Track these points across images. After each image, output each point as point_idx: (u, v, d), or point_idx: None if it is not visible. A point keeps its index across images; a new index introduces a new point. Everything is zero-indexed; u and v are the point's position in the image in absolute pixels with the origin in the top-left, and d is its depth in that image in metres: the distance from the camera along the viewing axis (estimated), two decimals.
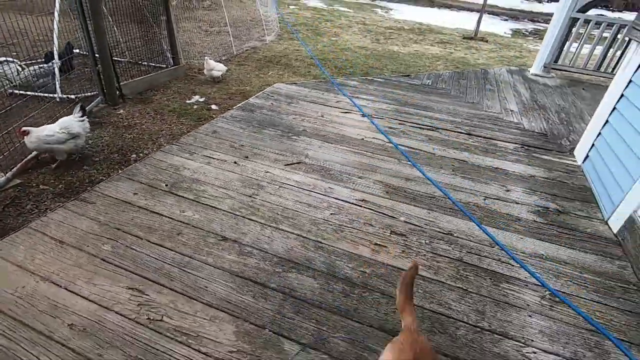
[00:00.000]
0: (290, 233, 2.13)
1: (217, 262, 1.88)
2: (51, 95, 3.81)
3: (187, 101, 4.37)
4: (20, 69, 3.74)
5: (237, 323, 1.59)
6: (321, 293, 1.77)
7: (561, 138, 3.64)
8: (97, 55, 3.69)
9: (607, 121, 2.85)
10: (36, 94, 3.76)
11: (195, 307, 1.64)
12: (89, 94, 3.95)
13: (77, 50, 4.77)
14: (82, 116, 2.78)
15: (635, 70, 2.61)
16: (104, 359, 1.40)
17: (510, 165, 3.09)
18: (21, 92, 3.70)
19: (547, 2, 21.33)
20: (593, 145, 2.99)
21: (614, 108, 2.79)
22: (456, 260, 2.04)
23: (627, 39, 4.61)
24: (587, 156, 3.07)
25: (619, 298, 1.89)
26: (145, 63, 5.12)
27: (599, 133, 2.92)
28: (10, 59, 3.63)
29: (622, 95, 2.72)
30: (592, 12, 6.13)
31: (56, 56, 3.93)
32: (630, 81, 2.65)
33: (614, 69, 5.32)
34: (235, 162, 2.77)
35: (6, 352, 1.40)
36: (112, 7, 4.78)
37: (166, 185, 2.43)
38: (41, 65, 3.94)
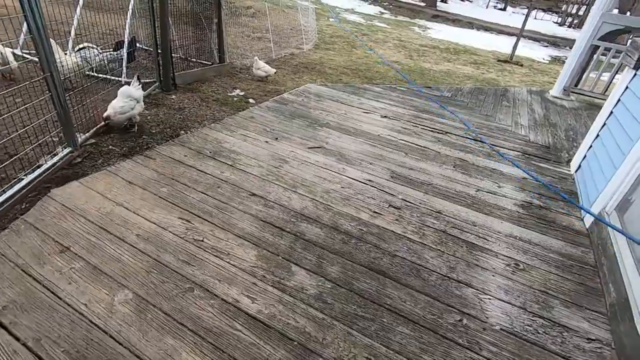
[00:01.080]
0: (306, 197, 2.61)
1: (246, 209, 2.39)
2: (117, 78, 4.52)
3: (229, 94, 4.99)
4: (97, 54, 4.47)
5: (258, 249, 2.08)
6: (324, 239, 2.24)
7: (562, 151, 3.95)
8: (159, 49, 4.36)
9: (597, 135, 3.17)
10: (106, 76, 4.48)
11: (227, 235, 2.15)
12: (147, 80, 4.63)
13: (139, 44, 5.53)
14: (138, 85, 3.41)
15: (624, 91, 2.94)
16: (161, 258, 1.93)
17: (507, 167, 3.45)
18: (94, 74, 4.43)
19: None
20: (585, 156, 3.31)
21: (604, 124, 3.11)
22: (440, 231, 2.45)
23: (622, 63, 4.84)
24: (579, 166, 3.38)
25: (574, 273, 2.24)
26: (195, 60, 5.82)
27: (590, 145, 3.24)
28: (92, 45, 4.37)
29: (611, 112, 3.05)
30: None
31: (125, 46, 4.66)
32: (619, 100, 2.98)
33: None
34: (266, 142, 3.30)
35: (94, 246, 1.94)
36: (173, 9, 5.55)
37: (210, 152, 2.99)
38: (111, 53, 4.68)
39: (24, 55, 4.39)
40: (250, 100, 4.81)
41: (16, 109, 2.64)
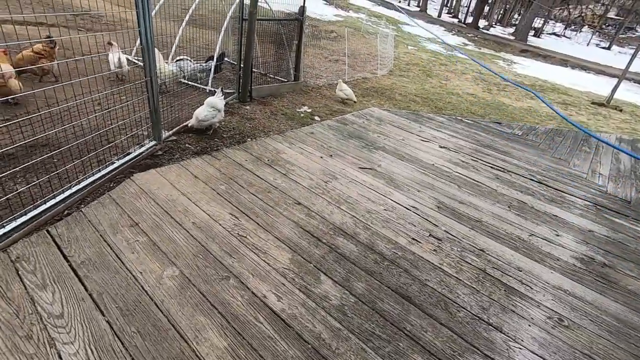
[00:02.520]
0: (347, 213, 2.71)
1: (290, 216, 2.56)
2: (203, 87, 5.12)
3: (297, 109, 5.33)
4: (191, 65, 5.14)
5: (292, 254, 2.22)
6: (357, 256, 2.31)
7: None
8: (242, 64, 4.87)
9: None
10: (195, 84, 5.10)
11: (268, 236, 2.33)
12: (228, 90, 5.17)
13: (227, 59, 6.20)
14: (221, 96, 3.83)
15: None
16: (208, 246, 2.17)
17: (572, 217, 3.18)
18: (186, 81, 5.08)
19: None
20: None
21: None
22: (479, 269, 2.37)
23: None
24: None
25: (631, 344, 2.00)
26: (272, 76, 6.33)
27: None
28: (186, 57, 5.03)
29: None
30: None
31: (215, 60, 5.28)
32: None
33: None
34: (321, 157, 3.49)
35: (157, 225, 2.26)
36: (260, 29, 6.15)
37: (267, 160, 3.26)
38: (202, 64, 5.33)
39: (135, 61, 5.21)
40: (316, 118, 5.08)
41: (120, 105, 3.18)
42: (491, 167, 3.91)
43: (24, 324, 1.57)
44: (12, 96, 2.99)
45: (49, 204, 2.24)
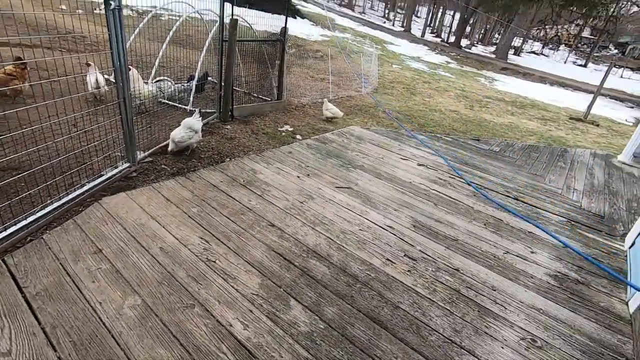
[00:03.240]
0: (322, 234, 2.68)
1: (262, 238, 2.52)
2: (184, 106, 5.11)
3: (279, 128, 5.34)
4: (171, 85, 5.13)
5: (262, 278, 2.17)
6: (330, 279, 2.26)
7: (618, 223, 3.57)
8: (222, 83, 4.89)
9: None
10: (175, 104, 5.08)
11: (238, 260, 2.28)
12: (209, 110, 5.16)
13: (211, 78, 6.22)
14: (199, 117, 3.82)
15: None
16: (174, 272, 2.10)
17: (547, 234, 3.20)
18: (166, 101, 5.06)
19: None
20: None
21: None
22: (453, 290, 2.34)
23: None
24: (634, 242, 3.03)
25: None
26: (255, 95, 6.36)
27: None
28: (167, 78, 5.03)
29: None
30: None
31: (195, 79, 5.28)
32: None
33: None
34: (298, 176, 3.47)
35: (122, 252, 2.19)
36: (242, 48, 6.22)
37: (243, 180, 3.22)
38: (182, 84, 5.33)
39: (112, 81, 5.18)
40: (298, 136, 5.09)
41: (96, 125, 3.13)
42: (467, 184, 3.94)
43: None
44: None
45: (9, 231, 2.15)
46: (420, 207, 3.29)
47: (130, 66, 3.83)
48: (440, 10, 40.19)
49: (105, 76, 4.80)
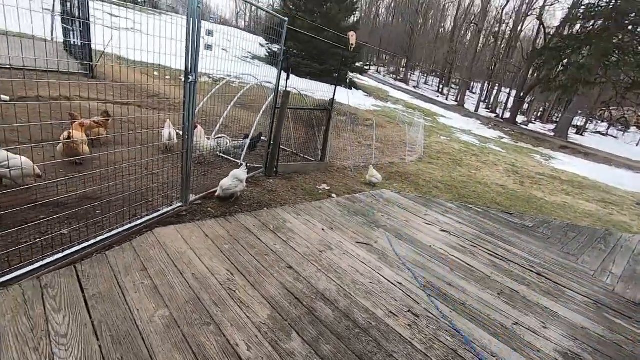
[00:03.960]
0: (333, 281, 2.93)
1: (279, 278, 2.84)
2: (236, 160, 5.86)
3: (317, 186, 5.83)
4: (228, 142, 5.97)
5: (272, 311, 2.46)
6: (332, 321, 2.48)
7: None
8: (271, 143, 5.60)
9: None
10: (229, 158, 5.86)
11: (255, 293, 2.61)
12: (257, 165, 5.86)
13: (264, 138, 7.07)
14: (245, 169, 4.42)
15: None
16: (200, 295, 2.48)
17: (566, 312, 3.12)
18: (222, 155, 5.87)
19: None
20: None
21: None
22: (450, 350, 2.42)
23: None
24: None
25: None
26: (301, 155, 7.04)
27: None
28: (225, 136, 5.88)
29: None
30: None
31: (249, 138, 6.10)
32: None
33: None
34: (322, 229, 3.82)
35: (162, 272, 2.63)
36: (294, 114, 7.08)
37: (272, 227, 3.64)
38: (238, 141, 6.16)
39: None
40: (333, 195, 5.52)
41: (162, 170, 3.84)
42: (490, 254, 3.98)
43: (35, 338, 1.92)
44: (80, 157, 3.76)
45: (82, 246, 2.73)
46: (435, 270, 3.42)
47: (197, 124, 4.67)
48: (496, 87, 40.87)
49: (177, 130, 5.77)
